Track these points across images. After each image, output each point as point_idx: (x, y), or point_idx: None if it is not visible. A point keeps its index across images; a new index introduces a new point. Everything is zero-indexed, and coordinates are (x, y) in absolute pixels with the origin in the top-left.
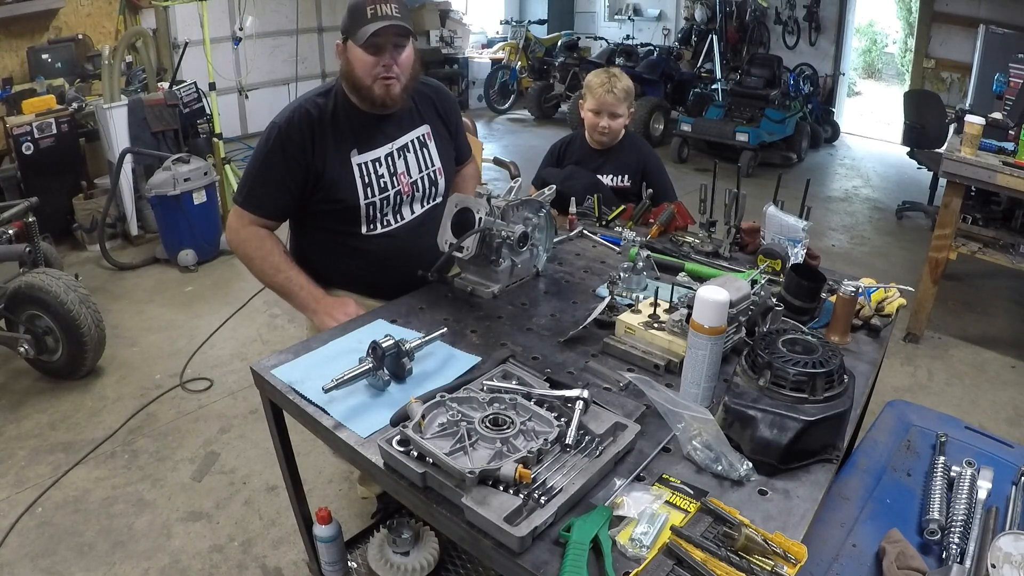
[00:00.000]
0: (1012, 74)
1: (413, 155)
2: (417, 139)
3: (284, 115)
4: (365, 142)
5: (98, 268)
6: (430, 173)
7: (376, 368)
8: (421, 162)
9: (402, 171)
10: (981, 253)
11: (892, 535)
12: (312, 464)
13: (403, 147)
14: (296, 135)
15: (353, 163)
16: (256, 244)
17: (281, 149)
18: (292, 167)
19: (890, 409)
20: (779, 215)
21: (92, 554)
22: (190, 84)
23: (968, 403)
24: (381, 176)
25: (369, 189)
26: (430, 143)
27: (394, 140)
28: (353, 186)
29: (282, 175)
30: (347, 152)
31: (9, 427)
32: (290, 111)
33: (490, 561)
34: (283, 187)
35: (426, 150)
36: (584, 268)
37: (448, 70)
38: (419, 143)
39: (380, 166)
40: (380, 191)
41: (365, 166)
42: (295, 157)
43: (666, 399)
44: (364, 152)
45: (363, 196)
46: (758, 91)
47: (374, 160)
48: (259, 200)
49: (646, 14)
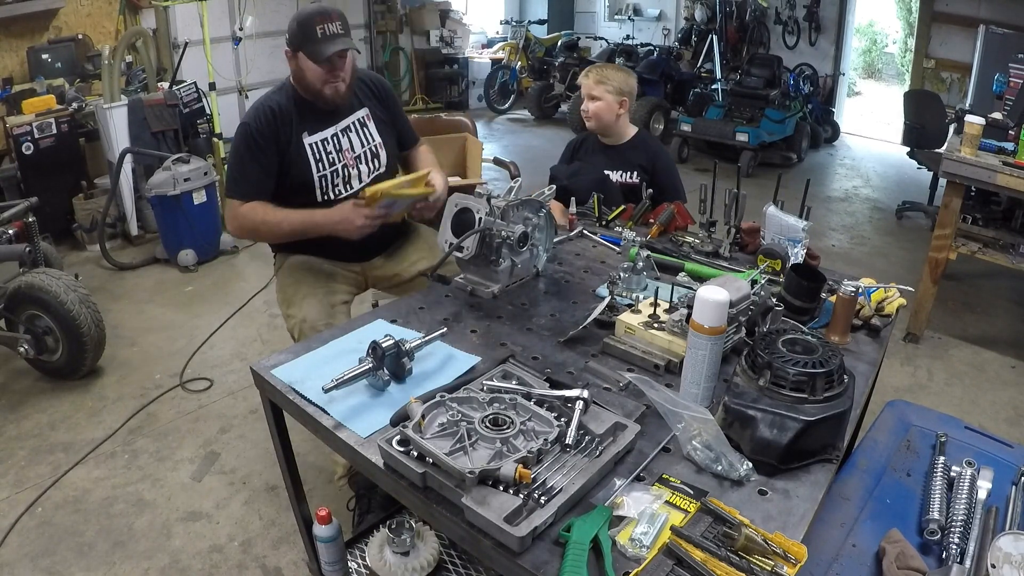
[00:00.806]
0: (1012, 74)
1: (355, 133)
2: (357, 120)
3: (249, 115)
4: (314, 125)
5: (98, 268)
6: (371, 147)
7: (376, 368)
8: (363, 138)
9: (347, 148)
10: (981, 253)
11: (892, 535)
12: (312, 464)
13: (346, 128)
14: (263, 127)
15: (305, 143)
16: (252, 214)
17: (254, 141)
18: (267, 153)
19: (890, 409)
20: (779, 215)
21: (92, 554)
22: (190, 84)
23: (968, 403)
24: (329, 153)
25: (320, 164)
26: (369, 123)
27: (337, 123)
28: (307, 163)
29: (260, 161)
30: (300, 136)
31: (9, 427)
32: (254, 110)
33: (490, 561)
34: (262, 170)
35: (366, 129)
36: (584, 268)
37: (448, 70)
38: (359, 123)
39: (328, 144)
40: (329, 165)
41: (315, 145)
42: (266, 146)
43: (666, 399)
44: (314, 134)
45: (315, 170)
46: (758, 91)
47: (322, 140)
48: (246, 186)
49: (646, 14)
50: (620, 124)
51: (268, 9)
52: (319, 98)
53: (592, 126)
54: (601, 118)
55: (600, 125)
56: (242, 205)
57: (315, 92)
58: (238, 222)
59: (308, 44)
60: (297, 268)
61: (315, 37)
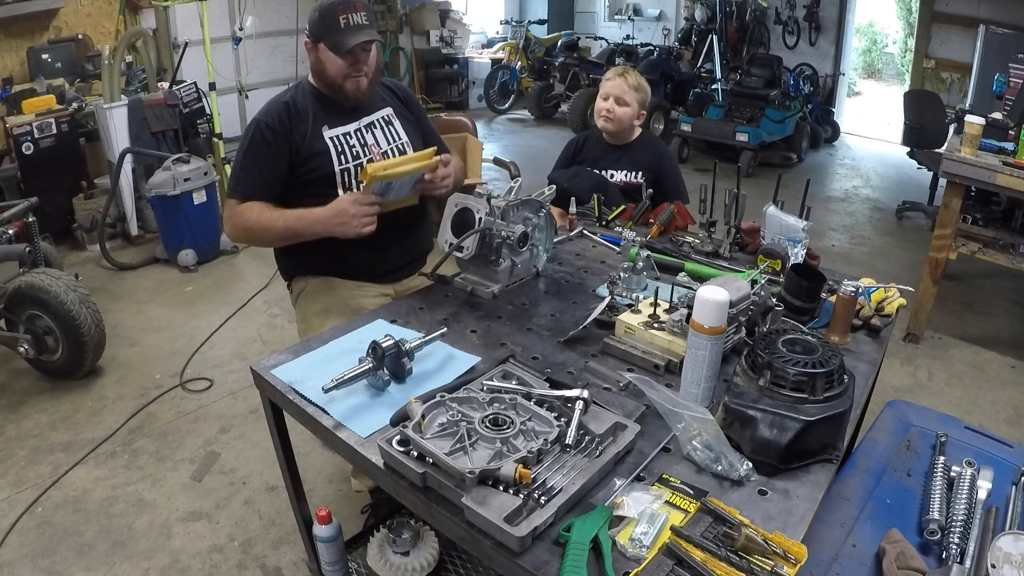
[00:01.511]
0: (1012, 74)
1: (380, 131)
2: (382, 118)
3: (262, 110)
4: (335, 120)
5: (98, 268)
6: (399, 145)
7: (376, 368)
8: (388, 136)
9: (372, 143)
10: (981, 253)
11: (892, 535)
12: (312, 464)
13: (370, 124)
14: (275, 122)
15: (325, 136)
16: (247, 214)
17: (263, 137)
18: (275, 149)
19: (890, 409)
20: (779, 215)
21: (92, 554)
22: (190, 84)
23: (968, 403)
24: (353, 146)
25: (342, 156)
26: (395, 121)
27: (360, 119)
28: (328, 155)
29: (266, 158)
30: (319, 129)
31: (9, 427)
32: (267, 106)
33: (490, 561)
34: (267, 168)
35: (391, 127)
36: (584, 268)
37: (448, 70)
38: (384, 121)
39: (351, 138)
40: (353, 159)
41: (337, 138)
42: (277, 141)
43: (666, 399)
44: (334, 127)
45: (337, 163)
46: (758, 91)
47: (344, 133)
48: (246, 185)
49: (646, 14)
50: (631, 127)
51: (268, 9)
52: (340, 93)
53: (609, 128)
54: (622, 123)
55: (618, 129)
56: (239, 204)
57: (336, 87)
58: (233, 222)
59: (330, 35)
60: (321, 292)
61: (338, 27)
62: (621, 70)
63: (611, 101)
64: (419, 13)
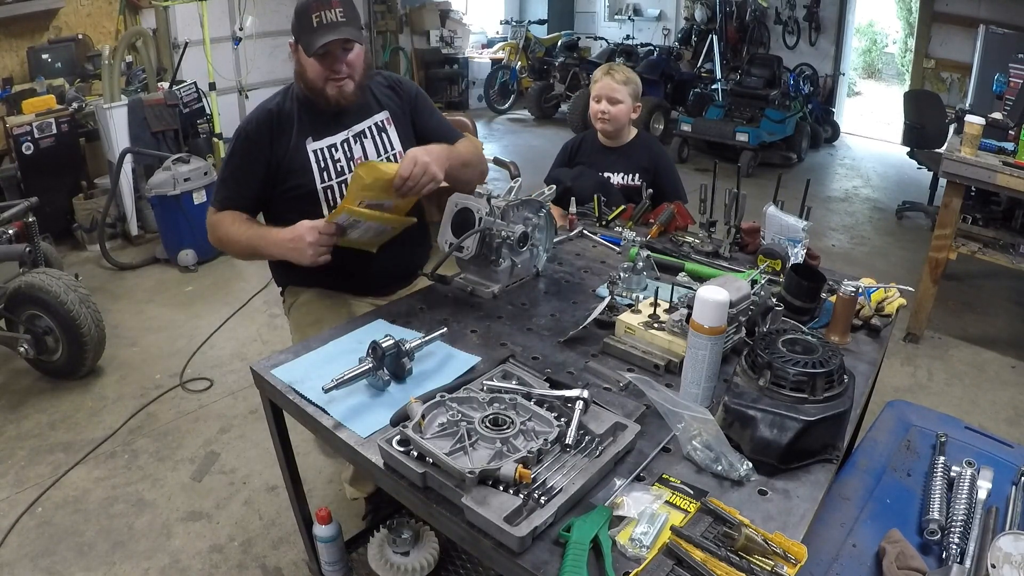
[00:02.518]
0: (1012, 74)
1: (371, 140)
2: (375, 125)
3: (247, 117)
4: (320, 130)
5: (98, 268)
6: (389, 157)
7: (376, 368)
8: (379, 147)
9: (359, 156)
10: (981, 253)
11: (892, 535)
12: (312, 464)
13: (359, 134)
14: (255, 132)
15: (308, 150)
16: (220, 224)
17: (243, 147)
18: (253, 160)
19: (890, 409)
20: (779, 215)
21: (92, 554)
22: (190, 84)
23: (968, 403)
24: (337, 161)
25: (325, 173)
26: (389, 128)
27: (349, 128)
28: (309, 172)
29: (244, 170)
30: (303, 141)
31: (9, 427)
32: (253, 112)
33: (490, 561)
34: (245, 180)
35: (384, 135)
36: (584, 268)
37: (448, 70)
38: (377, 128)
39: (336, 151)
40: (337, 175)
41: (320, 152)
42: (255, 152)
43: (666, 399)
44: (319, 140)
45: (319, 180)
46: (758, 91)
47: (329, 146)
48: (224, 196)
49: (646, 14)
50: (627, 126)
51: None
52: (321, 97)
53: (607, 129)
54: (619, 121)
55: (616, 128)
56: (216, 213)
57: (317, 91)
58: (211, 230)
59: (304, 34)
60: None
61: (311, 26)
62: (606, 68)
63: (604, 103)
64: (419, 13)
